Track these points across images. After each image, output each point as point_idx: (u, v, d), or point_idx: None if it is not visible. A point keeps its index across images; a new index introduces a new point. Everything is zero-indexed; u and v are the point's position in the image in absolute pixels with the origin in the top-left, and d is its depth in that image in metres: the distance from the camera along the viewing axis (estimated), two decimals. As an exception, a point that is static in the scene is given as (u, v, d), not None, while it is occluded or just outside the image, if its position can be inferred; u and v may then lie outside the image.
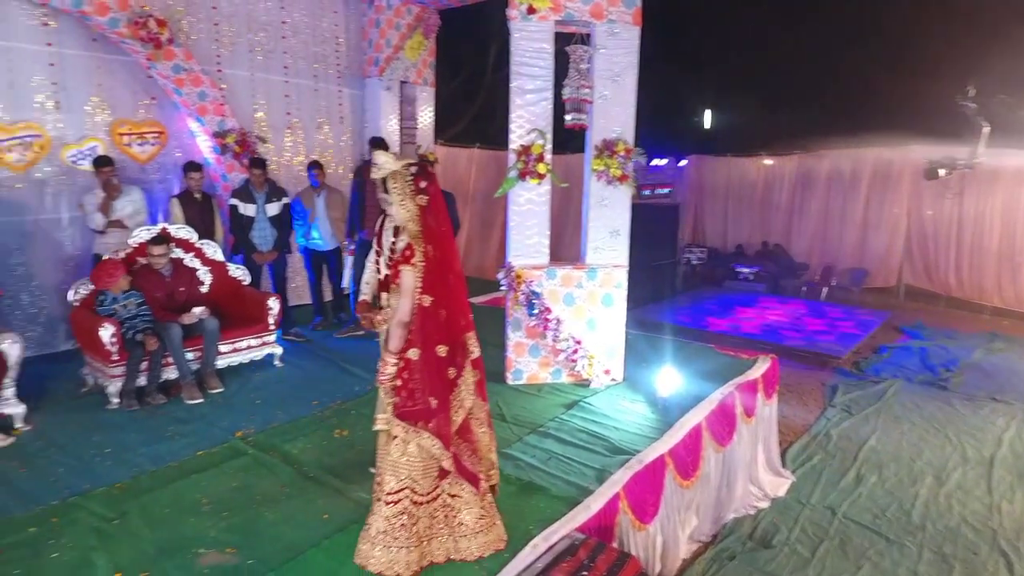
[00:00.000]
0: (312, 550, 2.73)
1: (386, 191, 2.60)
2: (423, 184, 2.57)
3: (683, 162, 13.06)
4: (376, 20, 7.02)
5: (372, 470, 3.45)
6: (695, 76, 14.24)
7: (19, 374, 3.99)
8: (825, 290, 11.11)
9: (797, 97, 13.53)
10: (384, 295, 3.22)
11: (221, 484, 3.27)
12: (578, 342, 4.61)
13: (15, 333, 3.95)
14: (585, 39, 4.38)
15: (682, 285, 11.72)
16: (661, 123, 11.09)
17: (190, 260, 5.07)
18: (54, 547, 2.73)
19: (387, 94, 7.24)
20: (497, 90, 12.27)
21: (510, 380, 4.74)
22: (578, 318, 4.65)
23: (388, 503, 2.58)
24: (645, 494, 3.48)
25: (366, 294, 3.26)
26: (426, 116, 7.78)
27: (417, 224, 2.57)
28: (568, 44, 4.36)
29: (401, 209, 2.56)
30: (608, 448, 3.76)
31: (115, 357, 4.22)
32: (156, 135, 5.79)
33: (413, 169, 2.59)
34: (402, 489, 2.60)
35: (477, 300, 6.94)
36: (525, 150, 4.38)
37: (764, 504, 4.62)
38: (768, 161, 12.35)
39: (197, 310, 4.55)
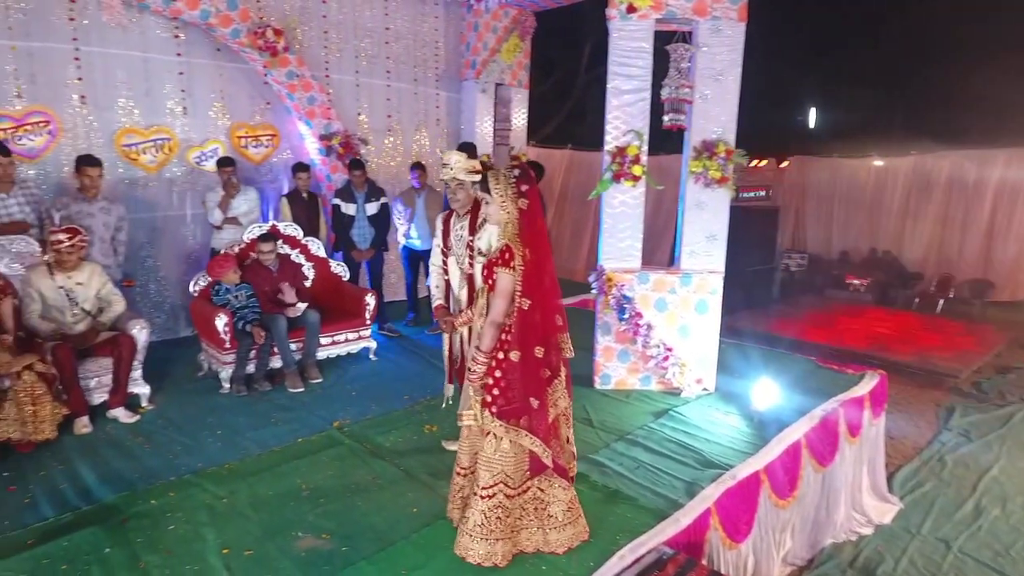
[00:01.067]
0: (402, 542, 2.82)
1: (487, 191, 2.60)
2: (524, 188, 2.58)
3: (784, 163, 12.44)
4: (474, 24, 7.15)
5: (446, 445, 3.62)
6: (800, 72, 13.52)
7: (145, 357, 4.35)
8: (941, 302, 10.23)
9: (916, 93, 12.53)
10: (462, 294, 3.29)
11: (319, 472, 3.43)
12: (669, 349, 4.49)
13: (143, 319, 4.31)
14: (687, 37, 4.25)
15: (780, 293, 11.17)
16: (761, 122, 10.60)
17: (296, 256, 5.37)
18: (171, 520, 2.96)
19: (482, 96, 7.36)
20: (590, 91, 12.20)
21: (598, 384, 4.69)
22: (670, 324, 4.53)
23: (483, 497, 2.64)
24: (738, 511, 3.34)
25: (439, 298, 3.33)
26: (520, 117, 7.84)
27: (515, 227, 2.58)
28: (668, 43, 4.25)
29: (501, 211, 2.57)
30: (699, 461, 3.64)
31: (227, 345, 4.53)
32: (270, 137, 6.17)
33: (516, 172, 2.61)
34: (496, 484, 2.65)
35: (566, 301, 6.88)
36: (620, 151, 4.31)
37: (867, 531, 4.32)
38: (879, 162, 11.52)
39: (300, 305, 4.80)
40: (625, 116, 4.32)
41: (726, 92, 4.27)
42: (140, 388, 4.28)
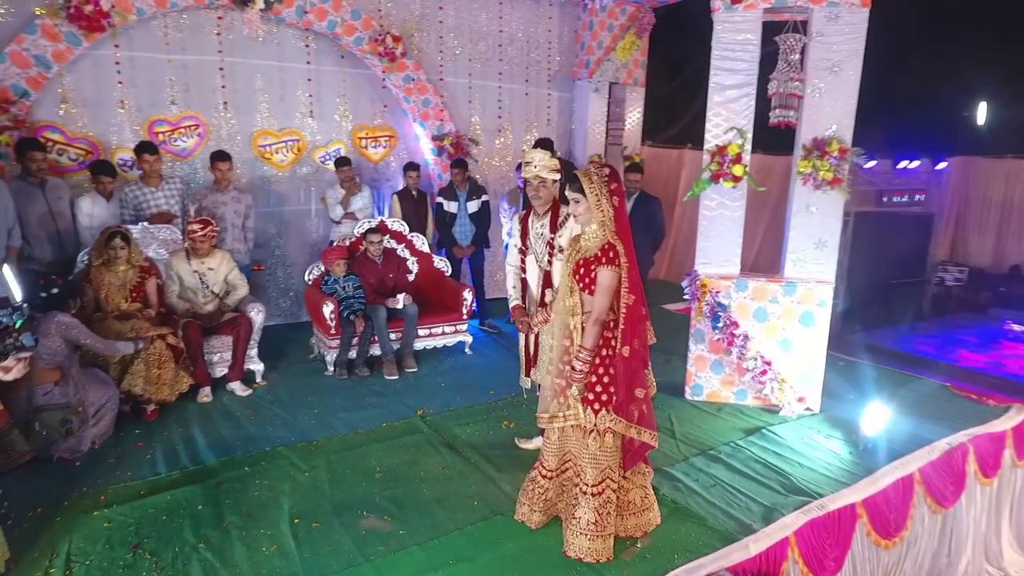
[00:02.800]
0: (456, 533, 2.87)
1: (580, 191, 2.56)
2: (613, 186, 2.58)
3: (942, 164, 11.03)
4: (589, 23, 7.09)
5: (520, 443, 3.64)
6: (969, 63, 11.87)
7: (261, 337, 4.78)
8: None
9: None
10: (548, 292, 3.26)
11: (394, 456, 3.59)
12: (767, 362, 4.18)
13: (261, 303, 4.75)
14: (799, 27, 3.92)
15: (931, 309, 9.95)
16: (915, 118, 9.45)
17: (401, 251, 5.65)
18: (257, 486, 3.24)
19: (595, 96, 7.28)
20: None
21: (689, 395, 4.47)
22: (770, 336, 4.20)
23: (594, 495, 2.66)
24: (825, 546, 3.04)
25: (516, 298, 3.32)
26: (634, 117, 7.66)
27: (612, 224, 2.57)
28: (776, 35, 3.94)
29: (597, 210, 2.55)
30: (785, 485, 3.35)
31: (332, 331, 4.86)
32: (388, 138, 6.54)
33: (606, 171, 2.60)
34: (604, 480, 2.67)
35: (674, 307, 6.66)
36: (720, 150, 4.08)
37: (1002, 588, 3.75)
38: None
39: (400, 297, 5.04)
40: (727, 113, 4.07)
41: (843, 85, 3.88)
42: (255, 365, 4.72)
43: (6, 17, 4.63)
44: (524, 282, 3.46)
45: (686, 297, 4.36)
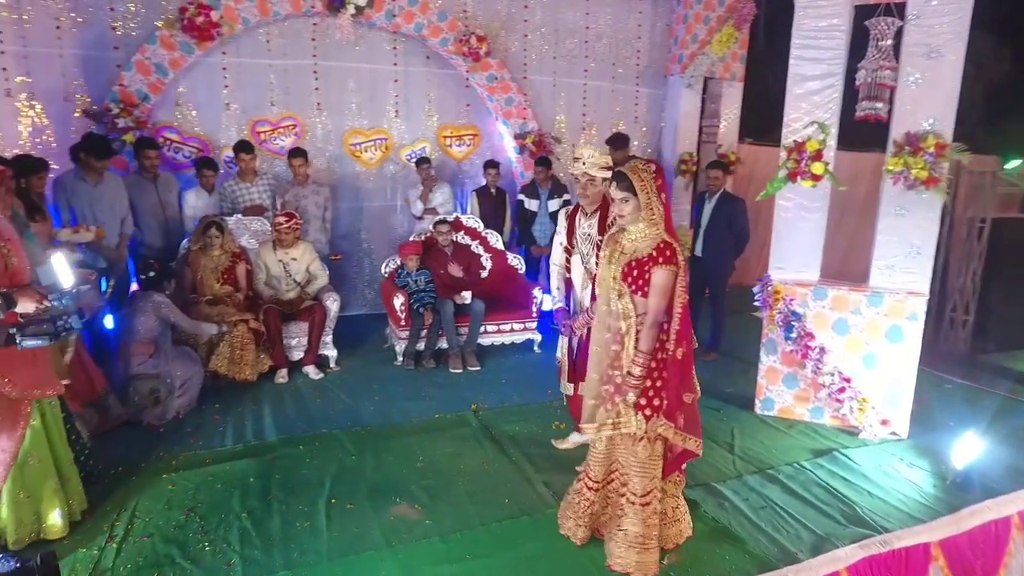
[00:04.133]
0: (481, 529, 2.88)
1: (630, 189, 2.45)
2: (660, 182, 2.48)
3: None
4: (684, 15, 6.81)
5: (557, 444, 3.62)
6: None
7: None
8: None
9: None
10: (585, 294, 3.17)
11: (439, 447, 3.65)
12: (846, 379, 3.81)
13: (335, 293, 5.01)
14: (893, 9, 3.53)
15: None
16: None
17: (475, 247, 5.73)
18: (307, 465, 3.42)
19: (688, 91, 6.99)
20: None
21: (758, 409, 4.18)
22: (851, 351, 3.83)
23: (643, 505, 2.56)
24: (885, 587, 2.72)
25: (560, 300, 3.24)
26: (731, 113, 7.27)
27: (663, 223, 2.46)
28: (866, 19, 3.58)
29: (648, 209, 2.43)
30: (847, 515, 3.04)
31: (402, 322, 5.03)
32: (471, 137, 6.66)
33: (652, 167, 2.50)
34: (652, 490, 2.58)
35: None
36: (798, 147, 3.77)
37: None
38: None
39: (465, 294, 5.11)
40: (808, 106, 3.75)
41: (943, 74, 3.45)
42: (329, 351, 4.99)
43: (135, 31, 5.20)
44: (569, 283, 3.38)
45: (756, 303, 4.07)
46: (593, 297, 3.26)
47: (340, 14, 5.56)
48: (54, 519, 2.72)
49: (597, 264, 3.19)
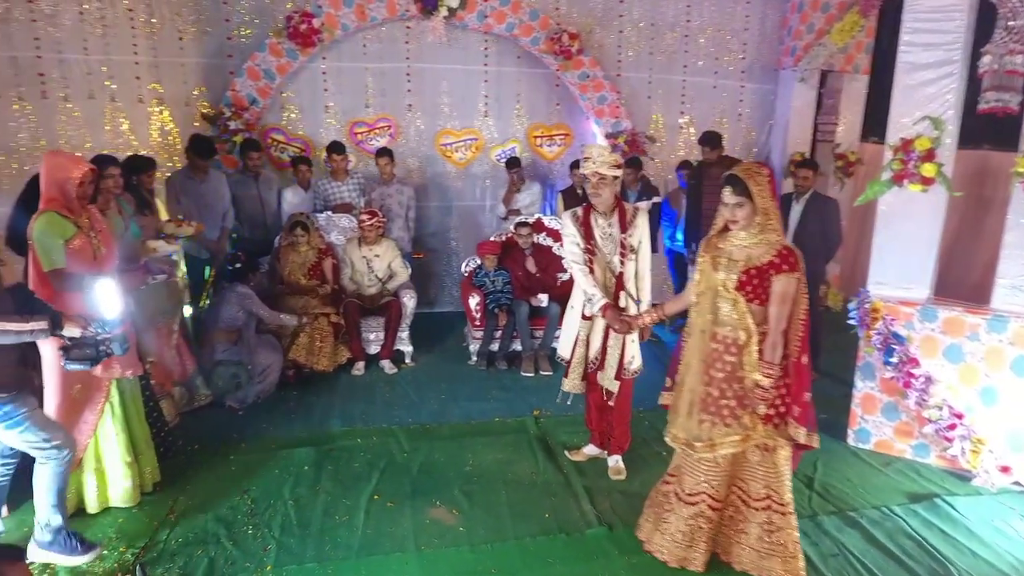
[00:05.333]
0: (513, 542, 2.78)
1: (745, 193, 2.31)
2: (773, 187, 2.37)
3: None
4: (799, 3, 6.25)
5: (572, 456, 3.52)
6: None
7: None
8: None
9: None
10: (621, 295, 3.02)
11: (491, 452, 3.59)
12: (958, 415, 3.30)
13: (412, 290, 5.10)
14: (1031, -17, 2.99)
15: None
16: None
17: (557, 249, 5.60)
18: (360, 458, 3.50)
19: (801, 86, 6.41)
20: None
21: (851, 440, 3.74)
22: (966, 383, 3.31)
23: (790, 513, 2.48)
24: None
25: (604, 296, 3.04)
26: (852, 110, 6.59)
27: (781, 228, 2.37)
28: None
29: (764, 215, 2.32)
30: (937, 575, 2.61)
31: (477, 322, 5.03)
32: (563, 136, 6.54)
33: (766, 171, 2.35)
34: (792, 499, 2.50)
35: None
36: (905, 145, 3.31)
37: None
38: None
39: (542, 296, 5.01)
40: (920, 99, 3.28)
41: (1095, 56, 2.87)
42: (405, 347, 5.09)
43: (248, 40, 5.60)
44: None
45: (851, 321, 3.62)
46: (617, 296, 3.09)
47: (433, 16, 5.66)
48: (125, 489, 2.96)
49: (622, 262, 3.05)
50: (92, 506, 2.92)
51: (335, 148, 5.40)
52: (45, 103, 5.33)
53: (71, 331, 2.39)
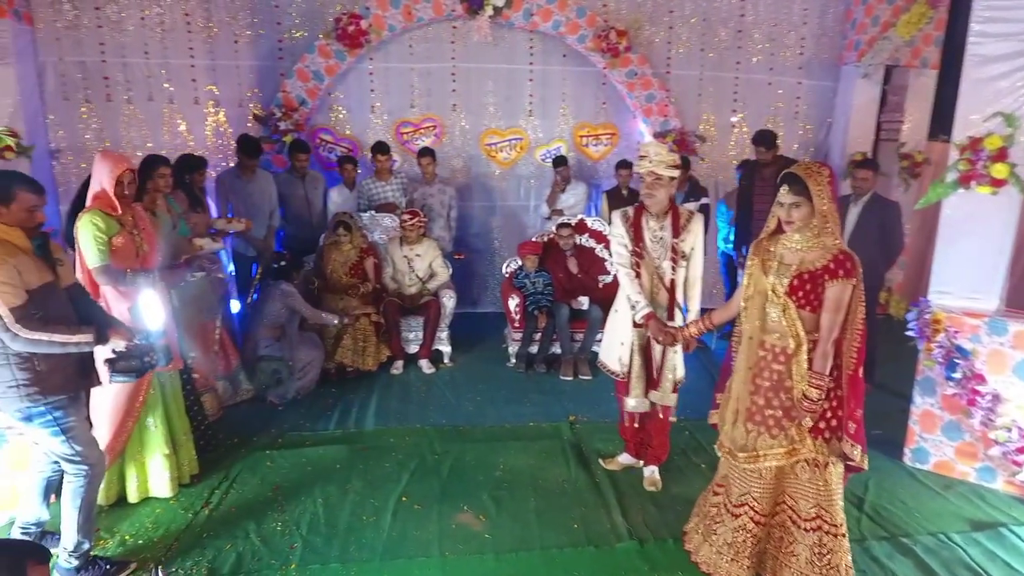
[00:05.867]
0: (538, 552, 2.72)
1: (803, 193, 2.19)
2: (832, 188, 2.24)
3: None
4: (863, -6, 5.94)
5: (607, 464, 3.42)
6: None
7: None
8: None
9: None
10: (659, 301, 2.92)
11: (522, 458, 3.53)
12: (1028, 438, 3.03)
13: (452, 290, 5.09)
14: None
15: None
16: None
17: (600, 251, 5.49)
18: (391, 458, 3.49)
19: (864, 82, 6.08)
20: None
21: (908, 459, 3.50)
22: (1038, 402, 3.04)
23: (843, 535, 2.35)
24: None
25: (648, 305, 2.91)
26: (920, 107, 6.21)
27: (840, 231, 2.25)
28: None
29: (823, 218, 2.19)
30: (998, 613, 2.40)
31: (516, 324, 4.98)
32: (609, 136, 6.41)
33: (827, 171, 2.22)
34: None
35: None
36: (973, 144, 3.06)
37: None
38: None
39: (582, 299, 4.91)
40: (989, 94, 3.03)
41: None
42: (444, 347, 5.08)
43: (298, 42, 5.71)
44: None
45: (910, 332, 3.39)
46: (671, 305, 2.96)
47: (478, 16, 5.63)
48: (163, 481, 3.04)
49: (674, 268, 2.91)
50: (132, 496, 3.01)
51: (379, 148, 5.44)
52: (109, 105, 5.59)
53: (116, 344, 2.39)
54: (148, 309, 2.56)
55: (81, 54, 5.45)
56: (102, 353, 2.44)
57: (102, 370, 2.47)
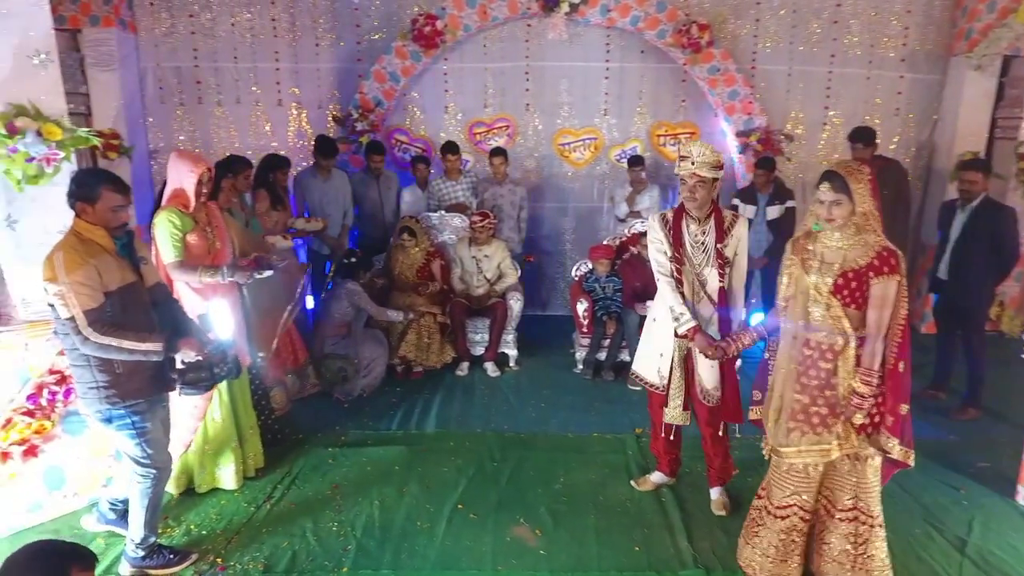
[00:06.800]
0: (595, 574, 2.58)
1: (843, 191, 2.17)
2: (873, 186, 2.23)
3: None
4: (980, -21, 5.39)
5: (640, 485, 3.26)
6: None
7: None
8: None
9: None
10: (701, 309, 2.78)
11: (585, 471, 3.39)
12: None
13: (519, 293, 5.01)
14: None
15: None
16: None
17: (675, 255, 5.25)
18: (449, 463, 3.44)
19: (976, 75, 5.53)
20: None
21: (1021, 498, 3.10)
22: None
23: (881, 525, 2.37)
24: None
25: (693, 318, 2.70)
26: (1044, 100, 5.57)
27: (881, 229, 2.23)
28: None
29: (864, 216, 2.19)
30: None
31: (584, 329, 4.84)
32: (688, 135, 6.13)
33: (868, 170, 2.22)
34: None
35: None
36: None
37: None
38: None
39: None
40: None
41: None
42: (510, 350, 5.01)
43: (375, 44, 5.80)
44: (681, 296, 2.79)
45: (1027, 357, 3.01)
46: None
47: (554, 13, 5.52)
48: (228, 473, 3.12)
49: (721, 275, 2.73)
50: (200, 486, 3.10)
51: (449, 148, 5.44)
52: (200, 108, 5.88)
53: (186, 355, 2.36)
54: (219, 317, 2.60)
55: (177, 60, 5.76)
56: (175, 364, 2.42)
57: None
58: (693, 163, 2.60)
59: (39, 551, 1.44)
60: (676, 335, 2.81)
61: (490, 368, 4.87)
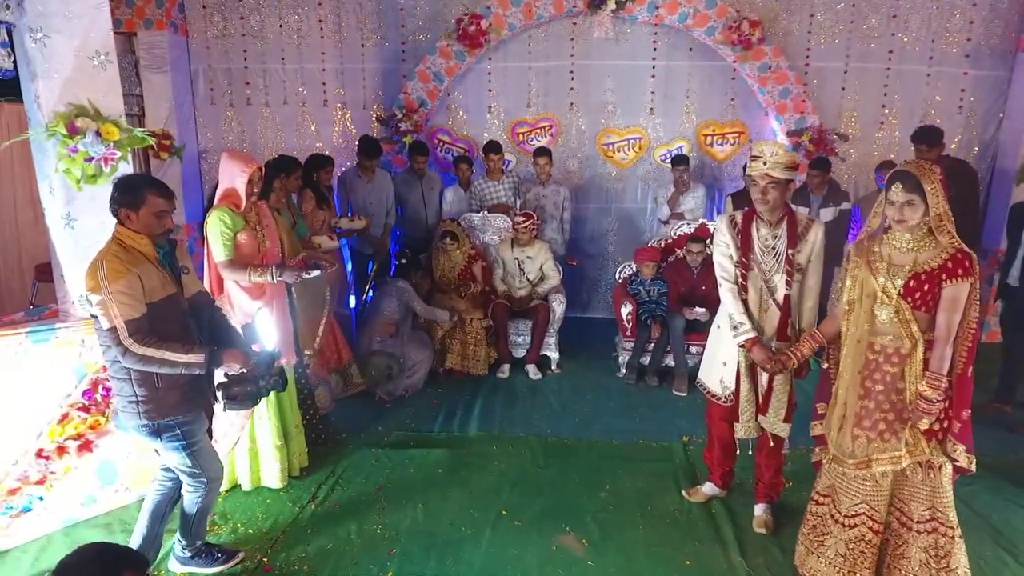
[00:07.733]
0: (645, 587, 2.50)
1: (915, 190, 2.11)
2: (944, 187, 2.18)
3: None
4: (1052, -31, 5.10)
5: (691, 496, 3.16)
6: None
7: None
8: None
9: None
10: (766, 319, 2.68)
11: (631, 479, 3.30)
12: None
13: (562, 295, 4.94)
14: None
15: None
16: None
17: (723, 258, 5.11)
18: (493, 467, 3.40)
19: (1047, 71, 5.23)
20: None
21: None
22: None
23: (960, 536, 2.30)
24: None
25: (752, 329, 2.58)
26: (1123, 97, 5.24)
27: (955, 230, 2.18)
28: None
29: (938, 218, 2.14)
30: None
31: (628, 332, 4.74)
32: (737, 135, 5.97)
33: (939, 169, 2.16)
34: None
35: None
36: None
37: None
38: None
39: (699, 310, 4.58)
40: None
41: None
42: (552, 352, 4.95)
43: (419, 44, 5.79)
44: (746, 304, 2.67)
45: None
46: (783, 325, 2.63)
47: (600, 11, 5.43)
48: (274, 472, 3.14)
49: (788, 283, 2.60)
50: (246, 485, 3.12)
51: (491, 148, 5.40)
52: (249, 109, 5.97)
53: (230, 367, 2.28)
54: (264, 327, 2.59)
55: (227, 61, 5.86)
56: (216, 377, 2.34)
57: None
58: (765, 163, 2.48)
59: (94, 552, 1.44)
60: (740, 344, 2.71)
61: (532, 371, 4.81)
